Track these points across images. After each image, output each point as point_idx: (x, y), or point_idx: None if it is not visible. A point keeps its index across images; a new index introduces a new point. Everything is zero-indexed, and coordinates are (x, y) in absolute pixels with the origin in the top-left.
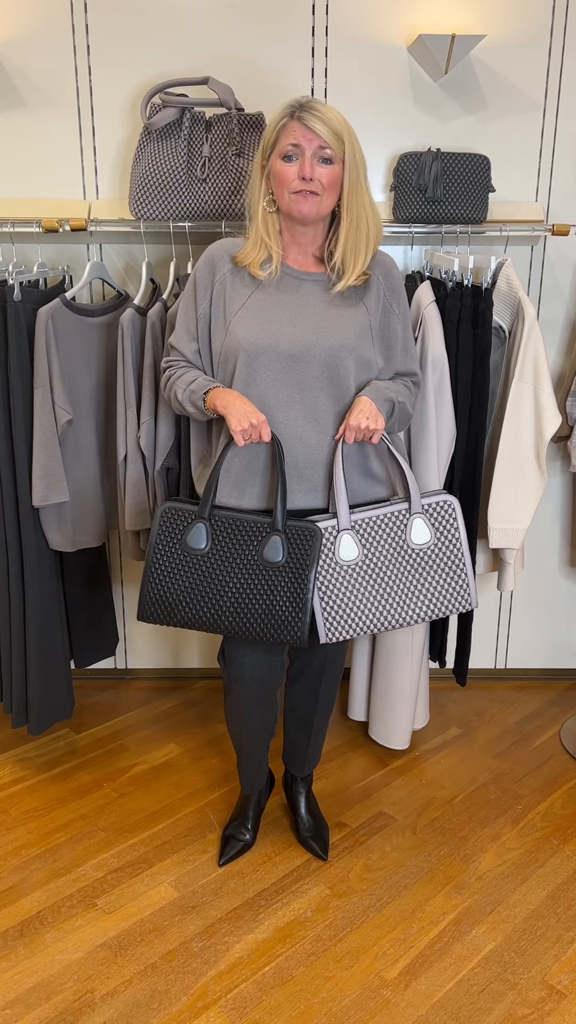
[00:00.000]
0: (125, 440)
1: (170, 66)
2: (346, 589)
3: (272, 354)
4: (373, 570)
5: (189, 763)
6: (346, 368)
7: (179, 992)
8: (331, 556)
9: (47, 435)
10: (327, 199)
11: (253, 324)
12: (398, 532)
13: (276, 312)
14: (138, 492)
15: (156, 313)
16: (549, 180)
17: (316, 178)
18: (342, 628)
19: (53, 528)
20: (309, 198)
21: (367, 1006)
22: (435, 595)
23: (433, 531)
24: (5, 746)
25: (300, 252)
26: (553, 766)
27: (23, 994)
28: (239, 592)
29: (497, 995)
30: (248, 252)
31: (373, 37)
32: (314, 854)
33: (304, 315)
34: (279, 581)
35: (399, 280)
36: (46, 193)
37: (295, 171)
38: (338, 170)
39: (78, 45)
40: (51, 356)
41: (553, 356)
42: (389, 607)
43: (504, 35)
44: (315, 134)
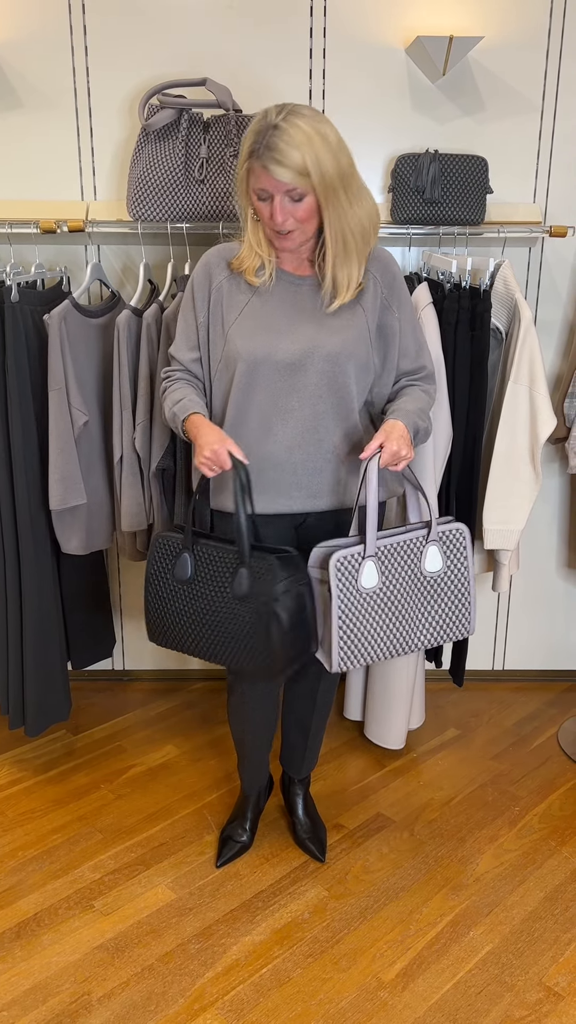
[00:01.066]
0: (121, 441)
1: (168, 67)
2: (363, 617)
3: (270, 363)
4: (388, 598)
5: (187, 765)
6: (345, 374)
7: (176, 994)
8: (353, 583)
9: (64, 438)
10: (307, 227)
11: (250, 333)
12: (414, 559)
13: (273, 320)
14: (134, 493)
15: (152, 314)
16: (547, 182)
17: (289, 217)
18: (355, 657)
19: (69, 532)
20: (287, 236)
21: (364, 1008)
22: (439, 622)
23: (445, 559)
24: (2, 748)
25: (294, 256)
26: (551, 767)
27: (20, 996)
28: (214, 622)
29: (495, 997)
30: (243, 258)
31: (371, 39)
32: (312, 856)
33: (301, 322)
34: (244, 613)
35: (397, 276)
36: (44, 194)
37: (269, 211)
38: (311, 203)
39: (76, 46)
40: (66, 358)
41: (550, 358)
42: (398, 635)
43: (502, 37)
44: (278, 180)
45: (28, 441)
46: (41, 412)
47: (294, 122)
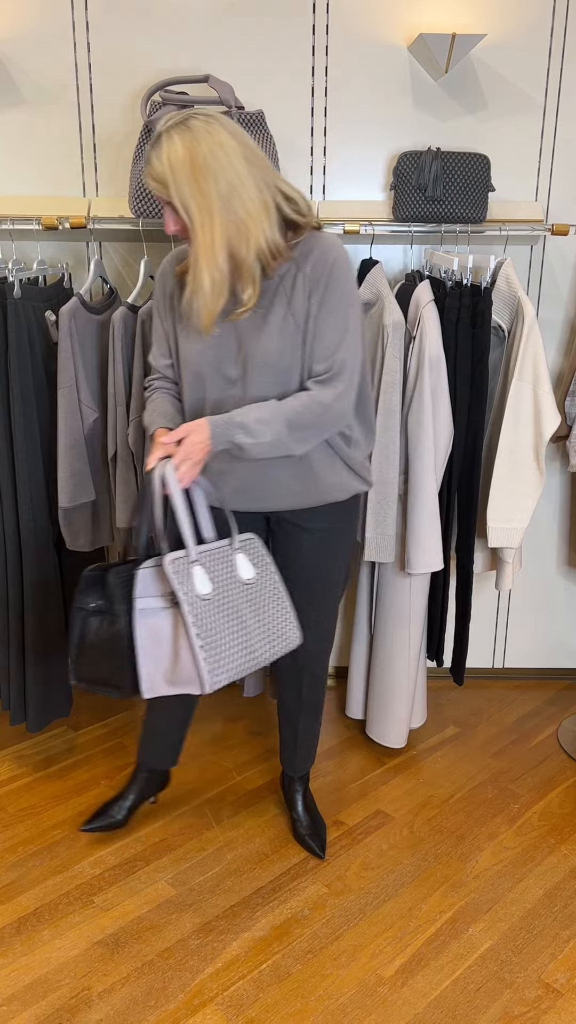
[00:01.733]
0: (115, 438)
1: (170, 64)
2: (214, 627)
3: (208, 376)
4: (227, 606)
5: (186, 761)
6: (285, 378)
7: (176, 989)
8: (192, 589)
9: (74, 435)
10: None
11: (193, 342)
12: (230, 568)
13: (216, 327)
14: (127, 490)
15: (147, 311)
16: (549, 180)
17: (177, 228)
18: (219, 671)
19: (76, 529)
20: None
21: (364, 1004)
22: (272, 633)
23: (254, 567)
24: (3, 743)
25: None
26: (550, 765)
27: (20, 991)
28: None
29: (494, 993)
30: (187, 264)
31: (373, 36)
32: (311, 852)
33: (235, 333)
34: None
35: (335, 269)
36: (46, 190)
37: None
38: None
39: (79, 42)
40: (76, 355)
41: (552, 356)
42: (247, 646)
43: (504, 35)
44: (155, 192)
45: (30, 437)
46: (44, 408)
47: (171, 135)
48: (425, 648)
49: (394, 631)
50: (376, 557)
